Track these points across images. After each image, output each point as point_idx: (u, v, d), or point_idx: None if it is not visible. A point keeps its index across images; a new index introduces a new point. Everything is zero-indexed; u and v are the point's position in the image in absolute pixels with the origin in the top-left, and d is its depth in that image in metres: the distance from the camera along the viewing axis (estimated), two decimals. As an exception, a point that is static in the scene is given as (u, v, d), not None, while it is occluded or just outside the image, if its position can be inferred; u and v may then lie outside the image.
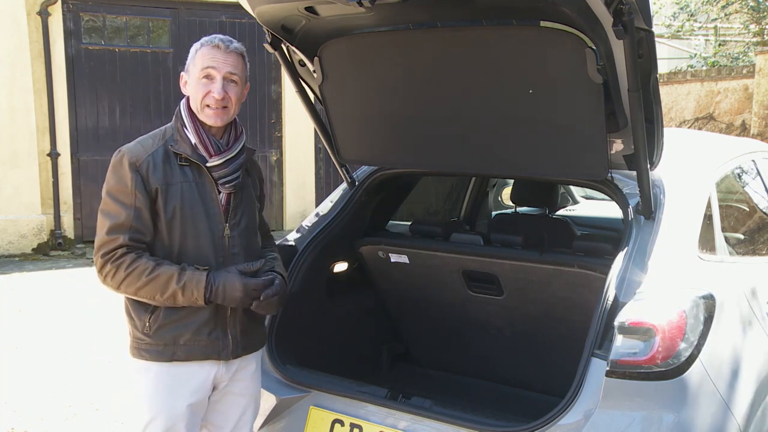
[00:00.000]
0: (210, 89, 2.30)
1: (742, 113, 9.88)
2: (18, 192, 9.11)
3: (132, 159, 2.28)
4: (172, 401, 2.33)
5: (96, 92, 9.55)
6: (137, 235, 2.25)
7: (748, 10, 13.24)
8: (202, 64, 2.31)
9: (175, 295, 2.23)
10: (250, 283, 2.28)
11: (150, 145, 2.33)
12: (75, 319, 6.33)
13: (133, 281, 2.22)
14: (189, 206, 2.30)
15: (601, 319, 2.31)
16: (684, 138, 3.57)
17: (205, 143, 2.33)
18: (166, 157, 2.31)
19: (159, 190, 2.27)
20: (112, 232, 2.24)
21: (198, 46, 2.35)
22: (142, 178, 2.26)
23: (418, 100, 2.81)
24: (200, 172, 2.34)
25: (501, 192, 5.59)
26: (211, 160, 2.33)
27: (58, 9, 9.21)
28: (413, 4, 2.30)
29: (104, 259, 2.24)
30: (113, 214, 2.26)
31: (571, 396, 2.28)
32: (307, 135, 10.58)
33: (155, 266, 2.23)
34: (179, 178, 2.31)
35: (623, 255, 2.44)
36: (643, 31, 2.14)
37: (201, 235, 2.32)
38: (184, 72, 2.39)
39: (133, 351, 2.38)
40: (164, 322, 2.30)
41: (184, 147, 2.33)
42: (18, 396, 4.64)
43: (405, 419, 2.54)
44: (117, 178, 2.29)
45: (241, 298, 2.27)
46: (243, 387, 2.50)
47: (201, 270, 2.26)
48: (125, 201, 2.25)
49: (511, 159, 2.84)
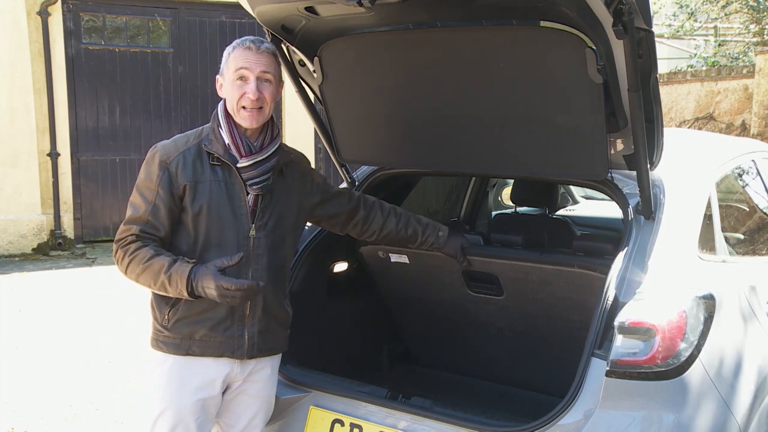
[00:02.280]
0: (245, 90, 2.35)
1: (742, 113, 9.88)
2: (18, 192, 9.12)
3: (163, 156, 2.35)
4: (183, 395, 2.36)
5: (96, 92, 9.55)
6: (150, 228, 2.33)
7: (748, 10, 13.24)
8: (236, 66, 2.35)
9: (164, 285, 2.26)
10: (222, 283, 2.21)
11: (183, 144, 2.39)
12: (75, 319, 6.33)
13: (134, 268, 2.29)
14: (216, 204, 2.35)
15: (601, 319, 2.31)
16: (684, 138, 3.57)
17: (237, 144, 2.38)
18: (198, 156, 2.37)
19: (187, 187, 2.33)
20: (129, 223, 2.34)
21: (230, 49, 2.39)
22: (170, 176, 2.33)
23: (418, 100, 2.81)
24: (230, 172, 2.38)
25: (501, 192, 5.59)
26: (241, 161, 2.37)
27: (58, 9, 9.22)
28: (413, 4, 2.29)
29: (117, 245, 2.35)
30: (135, 206, 2.35)
31: (571, 396, 2.28)
32: (307, 135, 10.58)
33: (153, 255, 2.27)
34: (209, 176, 2.36)
35: (623, 255, 2.44)
36: (643, 31, 2.13)
37: (226, 234, 2.36)
38: (219, 75, 2.44)
39: (152, 342, 2.43)
40: (183, 316, 2.35)
41: (216, 147, 2.38)
42: (18, 396, 4.64)
43: (405, 419, 2.54)
44: (146, 173, 2.37)
45: (217, 297, 2.23)
46: (257, 389, 2.52)
47: (189, 263, 2.27)
48: (147, 196, 2.33)
49: (511, 159, 2.84)
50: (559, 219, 4.44)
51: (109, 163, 9.65)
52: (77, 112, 9.44)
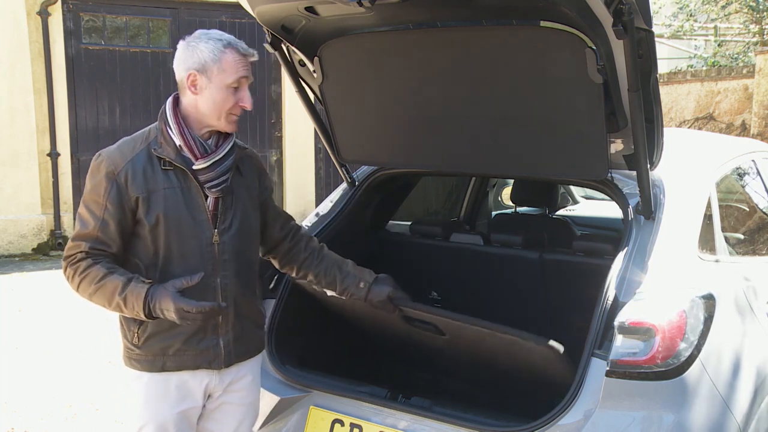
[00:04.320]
0: (241, 98, 2.21)
1: (742, 113, 9.88)
2: (18, 192, 9.12)
3: (110, 167, 2.17)
4: (162, 409, 2.28)
5: (96, 92, 9.55)
6: (100, 245, 2.17)
7: (748, 10, 13.24)
8: (236, 73, 2.18)
9: (119, 306, 2.12)
10: (182, 305, 2.08)
11: (130, 150, 2.21)
12: (75, 319, 6.32)
13: (85, 287, 2.15)
14: (173, 213, 2.19)
15: (601, 318, 2.31)
16: (684, 138, 3.57)
17: (190, 145, 2.20)
18: (149, 162, 2.19)
19: (140, 199, 2.16)
20: (78, 239, 2.19)
21: (221, 48, 2.16)
22: (119, 188, 2.16)
23: (418, 100, 2.81)
24: (185, 176, 2.21)
25: (501, 192, 5.59)
26: (196, 163, 2.20)
27: (58, 9, 9.22)
28: (413, 4, 2.29)
29: (66, 263, 2.20)
30: (84, 221, 2.19)
31: (571, 396, 2.28)
32: (307, 135, 10.58)
33: (105, 274, 2.12)
34: (162, 184, 2.19)
35: (623, 255, 2.44)
36: (643, 31, 2.14)
37: (187, 243, 2.21)
38: (198, 73, 2.17)
39: (126, 360, 2.32)
40: (153, 332, 2.23)
41: (167, 150, 2.20)
42: (18, 396, 4.64)
43: (405, 419, 2.54)
44: (92, 185, 2.20)
45: (177, 319, 2.09)
46: (240, 397, 2.43)
47: (145, 283, 2.12)
48: (95, 210, 2.17)
49: (511, 159, 2.83)
50: (559, 219, 4.45)
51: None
52: (77, 112, 9.44)
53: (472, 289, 3.46)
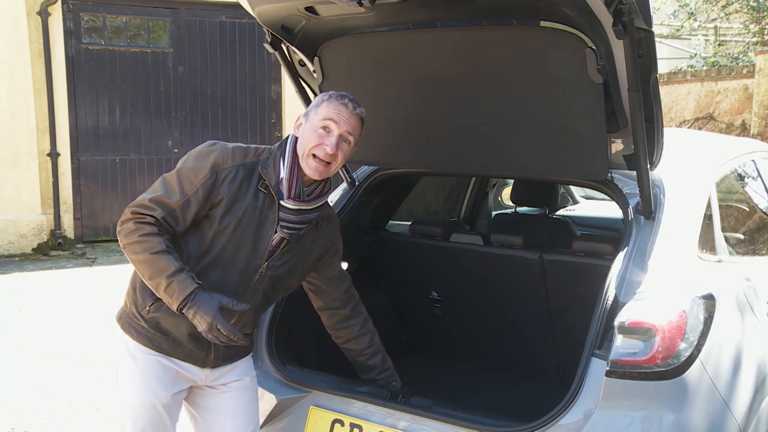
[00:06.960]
0: (324, 141, 2.29)
1: (742, 113, 9.88)
2: (18, 192, 9.11)
3: (218, 160, 2.28)
4: (156, 390, 2.33)
5: (96, 92, 9.55)
6: (172, 219, 2.24)
7: (748, 10, 13.24)
8: (326, 115, 2.31)
9: (158, 285, 2.18)
10: (218, 322, 2.18)
11: (241, 157, 2.32)
12: (75, 319, 6.33)
13: (137, 249, 2.19)
14: (243, 228, 2.29)
15: (601, 318, 2.31)
16: (684, 138, 3.57)
17: (291, 183, 2.33)
18: (249, 175, 2.31)
19: (225, 201, 2.26)
20: (156, 203, 2.23)
21: (326, 96, 2.35)
22: (215, 181, 2.26)
23: (417, 100, 2.81)
24: (271, 205, 2.33)
25: (501, 192, 5.59)
26: (286, 201, 2.33)
27: (58, 9, 9.21)
28: (413, 4, 2.30)
29: (132, 215, 2.22)
30: (170, 191, 2.25)
31: (571, 396, 2.28)
32: (307, 135, 10.57)
33: (162, 250, 2.18)
34: (250, 199, 2.30)
35: (623, 255, 2.44)
36: (643, 31, 2.14)
37: (237, 259, 2.31)
38: (302, 116, 2.39)
39: (124, 325, 2.37)
40: (163, 314, 2.29)
41: (271, 175, 2.32)
42: (18, 396, 4.64)
43: (405, 419, 2.54)
44: (195, 165, 2.28)
45: (204, 330, 2.19)
46: (237, 385, 2.51)
47: (195, 282, 2.20)
48: (186, 188, 2.24)
49: (512, 159, 2.84)
50: (559, 219, 4.45)
51: (109, 163, 9.64)
52: (77, 112, 9.44)
53: (472, 289, 3.47)
